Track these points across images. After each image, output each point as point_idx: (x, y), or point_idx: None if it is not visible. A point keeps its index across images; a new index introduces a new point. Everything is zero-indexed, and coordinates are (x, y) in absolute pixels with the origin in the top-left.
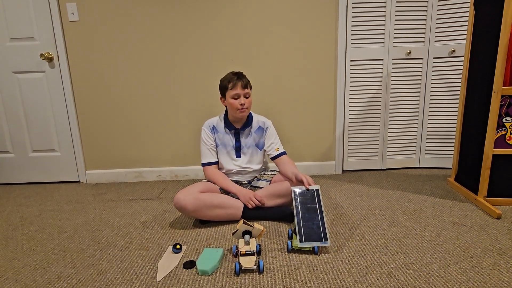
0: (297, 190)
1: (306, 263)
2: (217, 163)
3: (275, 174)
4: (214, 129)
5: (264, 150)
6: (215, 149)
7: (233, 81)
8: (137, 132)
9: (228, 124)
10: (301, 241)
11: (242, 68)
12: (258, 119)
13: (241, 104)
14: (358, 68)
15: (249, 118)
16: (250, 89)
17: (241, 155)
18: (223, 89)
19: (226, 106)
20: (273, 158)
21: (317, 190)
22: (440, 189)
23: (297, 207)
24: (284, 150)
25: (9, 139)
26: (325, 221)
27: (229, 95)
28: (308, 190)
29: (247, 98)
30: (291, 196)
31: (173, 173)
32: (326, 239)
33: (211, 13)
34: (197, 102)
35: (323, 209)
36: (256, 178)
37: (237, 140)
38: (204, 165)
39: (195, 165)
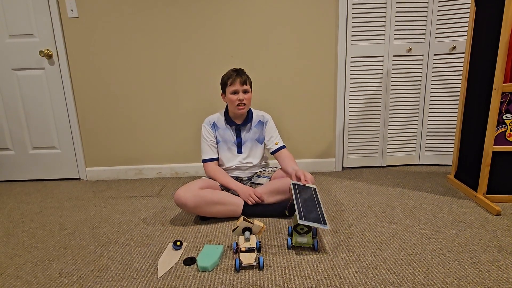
0: (296, 183)
1: (306, 260)
2: (217, 159)
3: (275, 171)
4: (214, 125)
5: (264, 144)
6: (216, 146)
7: (232, 77)
8: (137, 129)
9: (228, 120)
10: (301, 218)
11: (243, 66)
12: (257, 114)
13: (239, 100)
14: (358, 65)
15: (249, 113)
16: (250, 85)
17: (243, 150)
18: (223, 85)
19: (226, 103)
20: (273, 153)
21: (314, 189)
22: (440, 186)
23: (296, 197)
24: (283, 144)
25: (9, 137)
26: (323, 211)
27: (228, 91)
28: (304, 186)
29: (246, 94)
30: (290, 190)
31: (173, 170)
32: (325, 223)
33: (212, 11)
34: (197, 100)
35: (320, 202)
36: (256, 175)
37: (238, 136)
38: (204, 161)
39: (195, 162)
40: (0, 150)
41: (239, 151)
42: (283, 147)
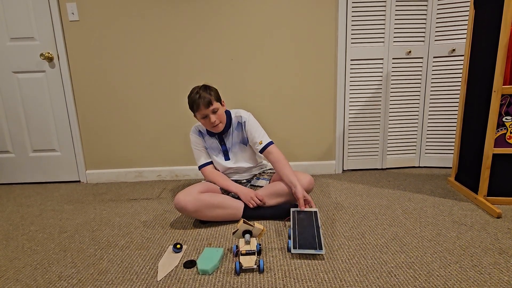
0: (296, 210)
1: (306, 263)
2: (212, 162)
3: (274, 172)
4: (200, 133)
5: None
6: (207, 150)
7: (195, 103)
8: (137, 132)
9: (209, 131)
10: (294, 248)
11: (242, 68)
12: (236, 115)
13: (211, 122)
14: (358, 67)
15: (228, 118)
16: (217, 99)
17: (230, 157)
18: (191, 109)
19: None
20: (261, 152)
21: (315, 212)
22: (440, 189)
23: (294, 225)
24: (269, 141)
25: (9, 139)
26: (321, 235)
27: (197, 116)
28: (305, 212)
29: (215, 113)
30: (290, 215)
31: (173, 172)
32: (321, 248)
33: (212, 13)
34: None
35: (320, 225)
36: (255, 177)
37: (222, 144)
38: (201, 167)
39: (195, 165)
40: (0, 152)
41: (227, 158)
42: (269, 144)
